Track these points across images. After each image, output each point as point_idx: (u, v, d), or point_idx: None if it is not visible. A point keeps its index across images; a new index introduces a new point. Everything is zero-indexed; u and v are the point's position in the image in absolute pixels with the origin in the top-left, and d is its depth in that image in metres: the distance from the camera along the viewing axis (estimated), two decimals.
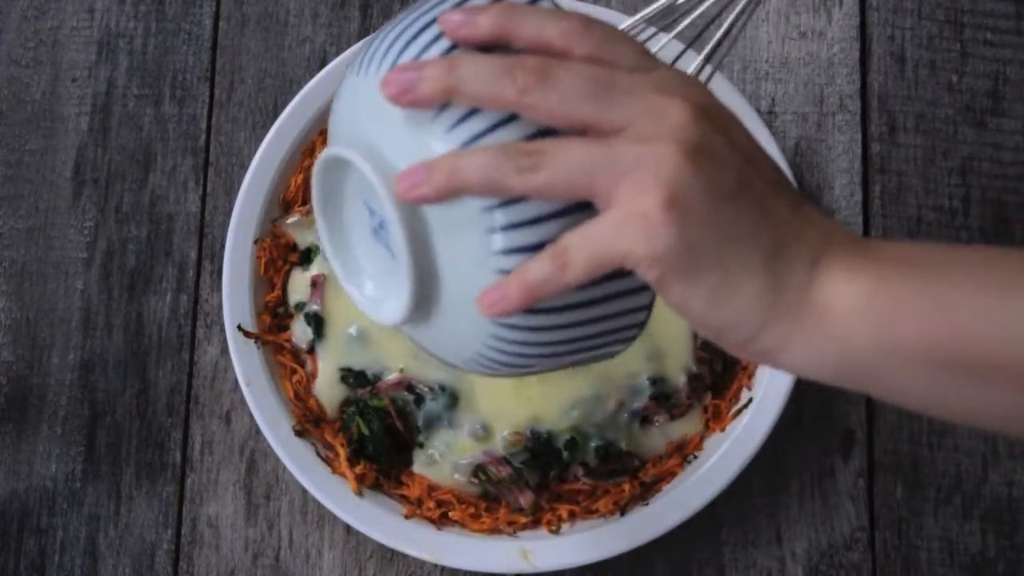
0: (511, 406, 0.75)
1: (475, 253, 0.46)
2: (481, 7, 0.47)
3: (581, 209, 0.45)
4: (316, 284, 0.77)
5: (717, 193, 0.45)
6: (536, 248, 0.45)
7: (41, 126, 0.85)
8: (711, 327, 0.47)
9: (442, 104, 0.46)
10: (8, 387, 0.82)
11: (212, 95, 0.85)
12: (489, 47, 0.47)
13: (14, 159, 0.85)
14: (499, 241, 0.45)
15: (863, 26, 0.84)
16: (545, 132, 0.45)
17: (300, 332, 0.78)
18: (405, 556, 0.77)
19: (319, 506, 0.78)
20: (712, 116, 0.46)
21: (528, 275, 0.45)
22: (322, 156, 0.49)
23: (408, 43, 0.47)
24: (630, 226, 0.44)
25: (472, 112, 0.45)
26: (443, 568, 0.78)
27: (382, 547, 0.77)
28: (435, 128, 0.46)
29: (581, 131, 0.45)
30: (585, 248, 0.45)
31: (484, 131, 0.45)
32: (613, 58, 0.46)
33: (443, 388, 0.75)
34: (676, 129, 0.45)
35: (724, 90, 0.77)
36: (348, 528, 0.78)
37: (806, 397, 0.78)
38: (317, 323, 0.77)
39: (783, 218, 0.47)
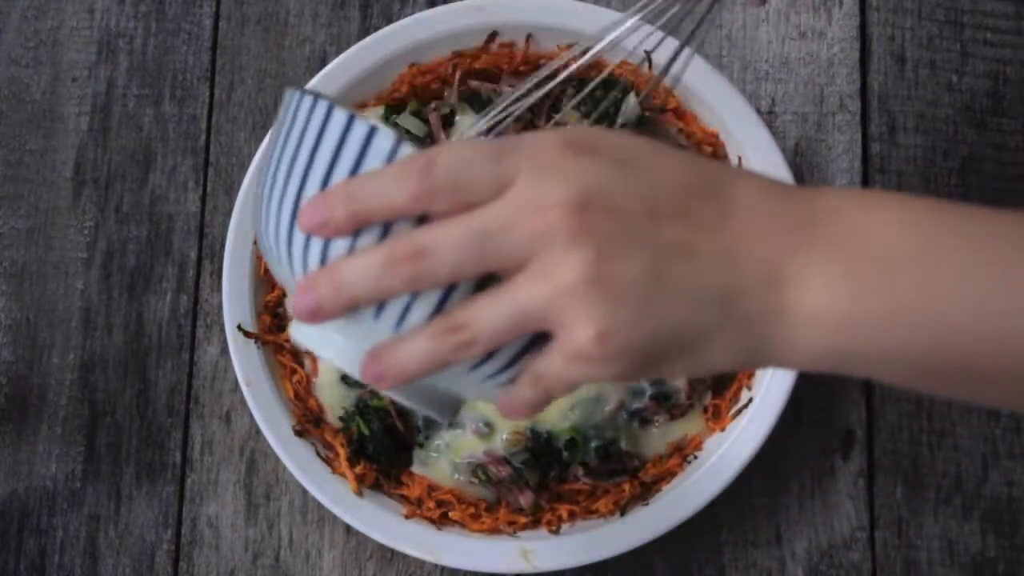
0: None
1: (471, 384, 0.48)
2: (326, 198, 0.45)
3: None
4: None
5: (639, 287, 0.44)
6: (514, 361, 0.47)
7: (41, 126, 0.85)
8: (703, 378, 0.48)
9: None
10: (8, 387, 0.82)
11: (212, 95, 0.85)
12: None
13: (14, 159, 0.85)
14: (479, 374, 0.47)
15: (863, 26, 0.83)
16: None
17: None
18: (405, 556, 0.77)
19: (319, 506, 0.77)
20: (595, 190, 0.44)
21: (525, 398, 0.47)
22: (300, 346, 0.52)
23: (289, 241, 0.47)
24: (579, 364, 0.45)
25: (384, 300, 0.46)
26: (443, 568, 0.77)
27: (382, 547, 0.77)
28: (363, 323, 0.46)
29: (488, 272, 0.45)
30: (556, 377, 0.46)
31: (405, 311, 0.46)
32: (472, 194, 0.44)
33: None
34: (568, 249, 0.43)
35: (724, 90, 0.77)
36: (348, 528, 0.78)
37: (806, 397, 0.78)
38: None
39: (714, 252, 0.45)
